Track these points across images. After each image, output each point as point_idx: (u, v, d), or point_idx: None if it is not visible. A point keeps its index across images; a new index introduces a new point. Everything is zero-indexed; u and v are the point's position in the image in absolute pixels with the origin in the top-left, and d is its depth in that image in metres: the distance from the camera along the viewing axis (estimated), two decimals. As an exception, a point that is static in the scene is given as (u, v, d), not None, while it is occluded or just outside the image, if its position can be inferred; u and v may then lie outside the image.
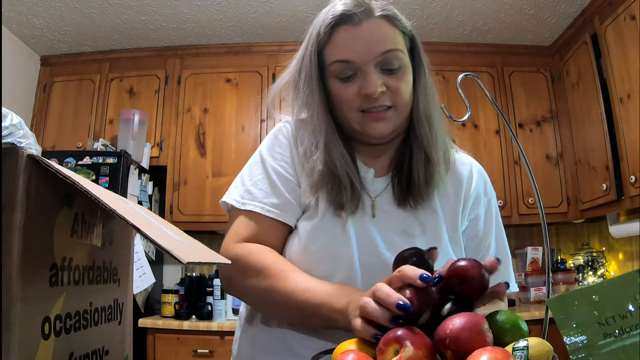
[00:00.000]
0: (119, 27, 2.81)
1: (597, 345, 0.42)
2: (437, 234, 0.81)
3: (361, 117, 0.79)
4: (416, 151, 0.82)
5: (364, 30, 0.76)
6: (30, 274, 0.40)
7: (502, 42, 2.99)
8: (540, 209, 0.61)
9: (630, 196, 2.20)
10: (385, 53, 0.76)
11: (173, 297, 2.53)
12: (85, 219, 0.48)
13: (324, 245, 0.78)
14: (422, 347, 0.47)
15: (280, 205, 0.81)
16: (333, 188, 0.79)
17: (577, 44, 2.66)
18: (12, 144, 0.44)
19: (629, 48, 2.20)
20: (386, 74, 0.77)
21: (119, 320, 0.56)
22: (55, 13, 2.64)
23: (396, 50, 0.77)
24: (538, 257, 2.83)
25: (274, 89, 0.89)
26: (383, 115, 0.78)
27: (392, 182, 0.84)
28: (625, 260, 2.62)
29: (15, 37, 2.83)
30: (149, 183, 2.80)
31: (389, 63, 0.77)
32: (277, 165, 0.84)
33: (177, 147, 2.87)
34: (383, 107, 0.78)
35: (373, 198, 0.83)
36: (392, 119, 0.79)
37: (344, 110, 0.80)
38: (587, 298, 0.45)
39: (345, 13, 0.77)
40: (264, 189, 0.82)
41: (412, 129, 0.84)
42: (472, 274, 0.53)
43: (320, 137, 0.80)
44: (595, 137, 2.51)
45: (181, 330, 2.33)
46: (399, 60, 0.78)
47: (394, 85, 0.77)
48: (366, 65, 0.76)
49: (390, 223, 0.81)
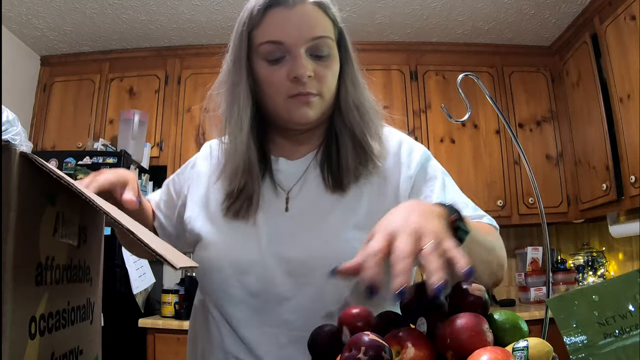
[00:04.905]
0: (119, 27, 2.81)
1: (597, 345, 0.42)
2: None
3: (289, 102, 0.78)
4: (345, 139, 0.81)
5: (297, 14, 0.76)
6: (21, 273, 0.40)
7: (502, 42, 2.99)
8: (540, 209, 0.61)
9: (630, 196, 2.20)
10: (317, 39, 0.76)
11: (173, 297, 2.53)
12: (65, 218, 0.48)
13: (227, 247, 0.80)
14: (423, 348, 0.47)
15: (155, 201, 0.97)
16: (237, 188, 0.81)
17: (577, 44, 2.66)
18: (7, 141, 0.44)
19: (629, 48, 2.20)
20: (315, 60, 0.77)
21: (91, 320, 0.56)
22: (55, 13, 2.64)
23: (326, 37, 0.78)
24: (538, 257, 2.83)
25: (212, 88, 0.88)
26: (309, 99, 0.77)
27: (320, 171, 0.83)
28: (625, 260, 2.62)
29: (15, 37, 2.83)
30: (149, 183, 2.80)
31: (318, 49, 0.77)
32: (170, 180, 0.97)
33: (177, 147, 2.87)
34: (311, 94, 0.78)
35: (287, 192, 0.82)
36: (318, 106, 0.79)
37: (271, 95, 0.79)
38: (587, 298, 0.45)
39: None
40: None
41: (339, 119, 0.83)
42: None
43: (241, 125, 0.80)
44: (595, 137, 2.51)
45: (181, 330, 2.33)
46: (328, 48, 0.78)
47: (321, 72, 0.77)
48: (296, 47, 0.76)
49: (305, 217, 0.80)
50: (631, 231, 2.41)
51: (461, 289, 0.52)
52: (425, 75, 2.94)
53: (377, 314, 0.60)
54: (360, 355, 0.44)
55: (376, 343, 0.45)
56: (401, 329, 0.49)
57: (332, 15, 0.80)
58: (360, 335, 0.46)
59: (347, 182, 0.80)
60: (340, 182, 0.80)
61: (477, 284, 0.53)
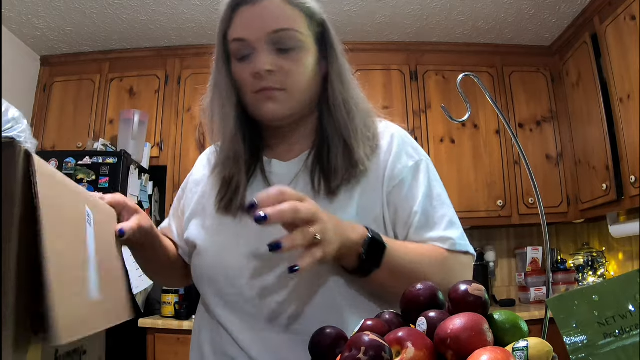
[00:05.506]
0: (119, 27, 2.81)
1: (597, 345, 0.42)
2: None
3: (253, 98, 0.78)
4: (336, 140, 0.80)
5: (260, 9, 0.76)
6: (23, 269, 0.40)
7: (502, 42, 2.99)
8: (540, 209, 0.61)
9: (630, 196, 2.20)
10: (278, 31, 0.75)
11: (173, 297, 2.53)
12: None
13: (218, 254, 0.80)
14: (423, 348, 0.47)
15: (166, 228, 0.97)
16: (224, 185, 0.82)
17: (577, 44, 2.66)
18: (12, 138, 0.44)
19: (629, 48, 2.20)
20: (279, 54, 0.76)
21: None
22: (55, 13, 2.64)
23: (290, 29, 0.76)
24: (538, 257, 2.83)
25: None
26: (272, 94, 0.76)
27: (309, 171, 0.82)
28: (625, 260, 2.62)
29: (15, 37, 2.83)
30: (149, 183, 2.80)
31: (281, 42, 0.76)
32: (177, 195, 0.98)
33: (177, 147, 2.87)
34: (273, 88, 0.77)
35: None
36: (284, 101, 0.77)
37: (243, 92, 0.79)
38: (587, 298, 0.45)
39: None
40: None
41: (328, 117, 0.82)
42: None
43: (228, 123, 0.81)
44: (595, 137, 2.51)
45: (181, 330, 2.33)
46: (294, 41, 0.76)
47: (285, 66, 0.76)
48: (258, 42, 0.75)
49: None
50: (631, 231, 2.41)
51: (461, 289, 0.52)
52: (425, 75, 2.94)
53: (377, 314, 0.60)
54: (360, 355, 0.44)
55: (376, 343, 0.45)
56: (401, 329, 0.49)
57: (303, 8, 0.78)
58: (360, 335, 0.46)
59: (335, 187, 0.78)
60: (329, 187, 0.78)
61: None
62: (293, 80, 0.77)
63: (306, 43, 0.78)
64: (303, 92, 0.79)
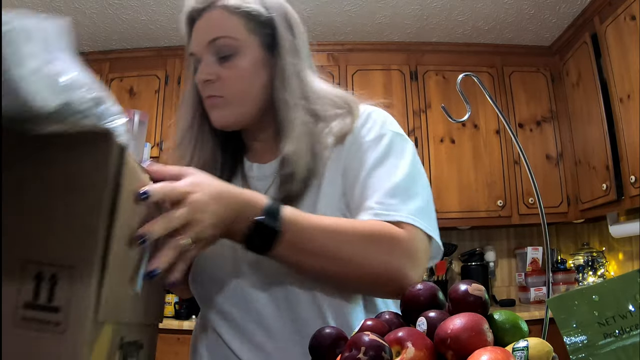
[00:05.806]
0: (119, 27, 2.81)
1: (597, 345, 0.42)
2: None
3: (206, 107, 0.81)
4: (301, 136, 0.78)
5: (204, 21, 0.78)
6: None
7: (502, 42, 2.99)
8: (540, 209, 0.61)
9: (630, 196, 2.20)
10: (213, 41, 0.77)
11: (173, 297, 2.53)
12: None
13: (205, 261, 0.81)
14: (423, 348, 0.47)
15: None
16: None
17: (577, 44, 2.66)
18: (107, 129, 0.46)
19: (629, 48, 2.20)
20: (221, 63, 0.77)
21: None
22: (55, 13, 2.64)
23: (224, 37, 0.76)
24: (538, 257, 2.83)
25: None
26: (213, 102, 0.78)
27: (277, 175, 0.80)
28: (625, 260, 2.62)
29: (15, 37, 2.83)
30: (149, 183, 2.80)
31: (219, 51, 0.77)
32: None
33: (177, 147, 2.87)
34: (214, 96, 0.78)
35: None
36: (227, 109, 0.78)
37: None
38: (587, 298, 0.45)
39: (193, 9, 0.79)
40: None
41: (283, 115, 0.79)
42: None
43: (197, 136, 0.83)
44: (595, 137, 2.51)
45: (181, 330, 2.33)
46: (229, 48, 0.77)
47: (223, 74, 0.77)
48: (201, 54, 0.78)
49: None
50: (631, 231, 2.41)
51: (461, 289, 0.52)
52: (425, 75, 2.94)
53: (377, 314, 0.60)
54: (360, 355, 0.44)
55: (376, 343, 0.45)
56: (401, 329, 0.49)
57: (243, 13, 0.77)
58: (360, 335, 0.46)
59: (298, 190, 0.76)
60: (290, 190, 0.76)
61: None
62: (230, 87, 0.78)
63: (242, 48, 0.77)
64: (244, 97, 0.79)
